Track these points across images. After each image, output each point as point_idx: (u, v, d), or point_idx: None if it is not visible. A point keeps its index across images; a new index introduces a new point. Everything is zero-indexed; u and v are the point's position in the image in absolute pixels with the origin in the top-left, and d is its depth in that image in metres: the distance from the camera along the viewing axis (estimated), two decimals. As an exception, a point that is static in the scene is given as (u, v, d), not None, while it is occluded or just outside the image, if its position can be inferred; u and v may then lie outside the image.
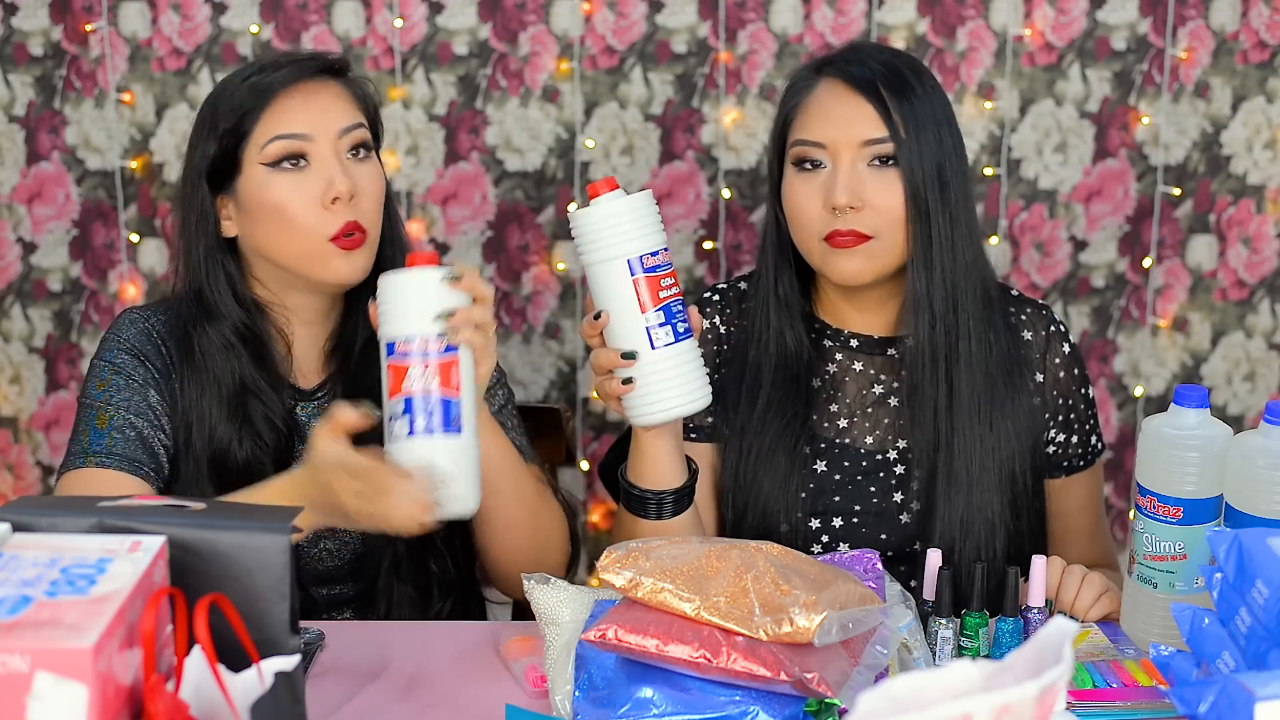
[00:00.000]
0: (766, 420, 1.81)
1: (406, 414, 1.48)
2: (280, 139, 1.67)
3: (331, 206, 1.67)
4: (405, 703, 1.49)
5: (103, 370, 1.73)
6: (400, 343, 1.49)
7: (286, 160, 1.67)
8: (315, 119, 1.68)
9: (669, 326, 1.59)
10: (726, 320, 1.88)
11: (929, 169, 1.70)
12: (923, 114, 1.71)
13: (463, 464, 1.50)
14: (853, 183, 1.70)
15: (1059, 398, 1.83)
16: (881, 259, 1.72)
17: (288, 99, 1.69)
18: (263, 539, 1.16)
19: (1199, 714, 1.15)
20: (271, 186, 1.67)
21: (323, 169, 1.68)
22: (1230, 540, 1.30)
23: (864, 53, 1.78)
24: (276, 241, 1.69)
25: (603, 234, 1.58)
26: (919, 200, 1.70)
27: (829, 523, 1.80)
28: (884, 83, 1.72)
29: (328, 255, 1.68)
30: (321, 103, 1.70)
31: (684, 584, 1.37)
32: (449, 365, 1.49)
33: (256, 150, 1.67)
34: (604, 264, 1.58)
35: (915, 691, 0.93)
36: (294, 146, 1.67)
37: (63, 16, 2.62)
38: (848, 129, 1.71)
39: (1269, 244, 2.76)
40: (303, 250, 1.68)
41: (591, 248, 1.59)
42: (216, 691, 1.07)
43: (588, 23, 2.63)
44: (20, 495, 2.71)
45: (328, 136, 1.68)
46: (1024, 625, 1.56)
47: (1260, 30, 2.67)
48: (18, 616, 0.99)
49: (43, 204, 2.69)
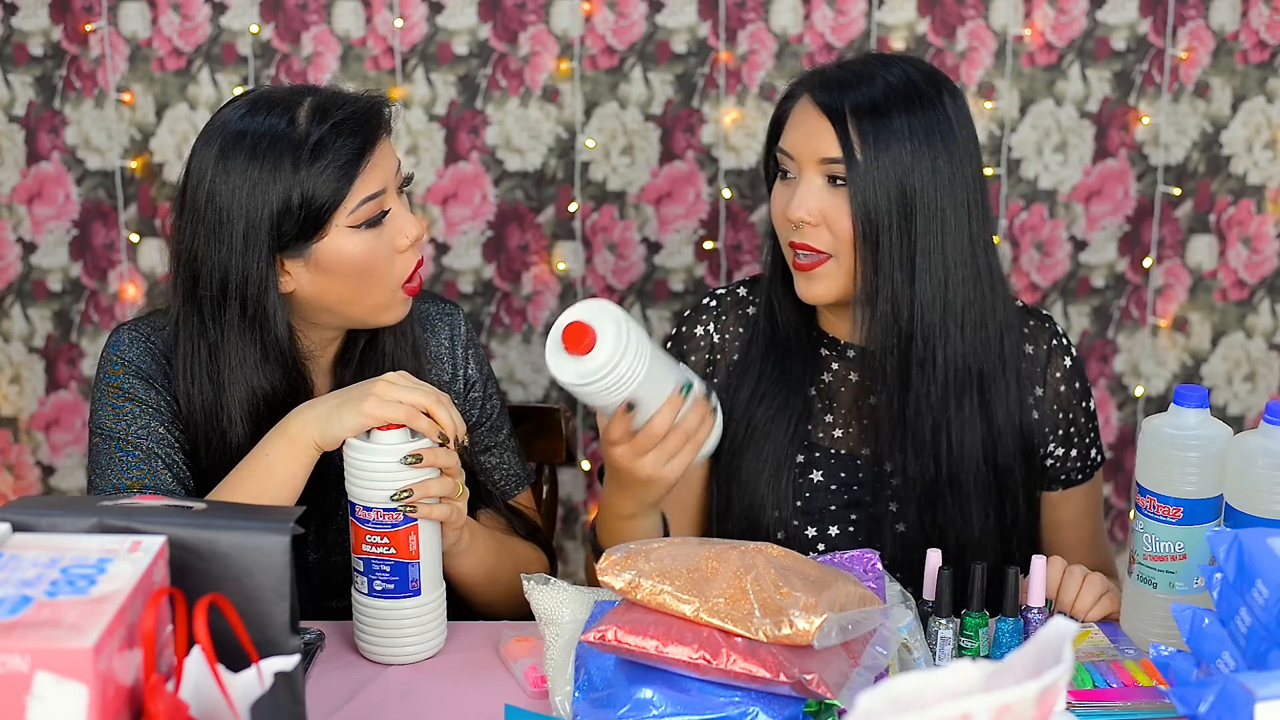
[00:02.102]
0: (759, 423, 1.81)
1: (365, 575, 1.57)
2: (369, 200, 1.65)
3: (405, 252, 1.68)
4: (405, 703, 1.49)
5: (113, 397, 1.70)
6: (360, 508, 1.55)
7: (373, 220, 1.66)
8: (386, 171, 1.67)
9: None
10: (720, 328, 1.88)
11: (886, 194, 1.68)
12: (891, 139, 1.68)
13: (420, 620, 1.58)
14: (809, 198, 1.71)
15: (1059, 412, 1.83)
16: (840, 280, 1.73)
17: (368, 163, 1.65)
18: (263, 539, 1.16)
19: (1199, 714, 1.15)
20: (356, 243, 1.65)
21: (397, 216, 1.68)
22: (1230, 540, 1.30)
23: (854, 72, 1.75)
24: (354, 296, 1.68)
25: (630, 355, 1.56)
26: (868, 224, 1.69)
27: (825, 531, 1.80)
28: (854, 105, 1.70)
29: (396, 302, 1.71)
30: (385, 149, 1.68)
31: (683, 585, 1.37)
32: (407, 533, 1.55)
33: (344, 217, 1.64)
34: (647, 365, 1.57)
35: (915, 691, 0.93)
36: (379, 204, 1.66)
37: (63, 16, 2.62)
38: (809, 145, 1.72)
39: (1269, 244, 2.76)
40: (379, 300, 1.69)
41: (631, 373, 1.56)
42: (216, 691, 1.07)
43: (588, 23, 2.63)
44: (20, 495, 2.71)
45: (392, 184, 1.69)
46: (1024, 625, 1.56)
47: (1260, 30, 2.67)
48: (18, 616, 0.99)
49: (43, 204, 2.69)
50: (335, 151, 1.63)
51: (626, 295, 2.74)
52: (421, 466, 1.53)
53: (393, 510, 1.53)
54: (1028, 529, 1.82)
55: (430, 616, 1.58)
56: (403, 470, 1.53)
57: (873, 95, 1.71)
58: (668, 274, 2.73)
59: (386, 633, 1.57)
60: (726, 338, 1.87)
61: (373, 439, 1.55)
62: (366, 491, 1.54)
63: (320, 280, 1.67)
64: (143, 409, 1.69)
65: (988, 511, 1.78)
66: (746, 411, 1.82)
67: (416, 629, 1.57)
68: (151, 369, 1.72)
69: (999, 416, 1.77)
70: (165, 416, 1.70)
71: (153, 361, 1.72)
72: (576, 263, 2.71)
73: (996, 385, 1.77)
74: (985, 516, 1.77)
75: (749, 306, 1.88)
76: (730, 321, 1.88)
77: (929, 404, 1.74)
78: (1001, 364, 1.78)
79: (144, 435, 1.68)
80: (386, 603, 1.56)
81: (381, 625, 1.57)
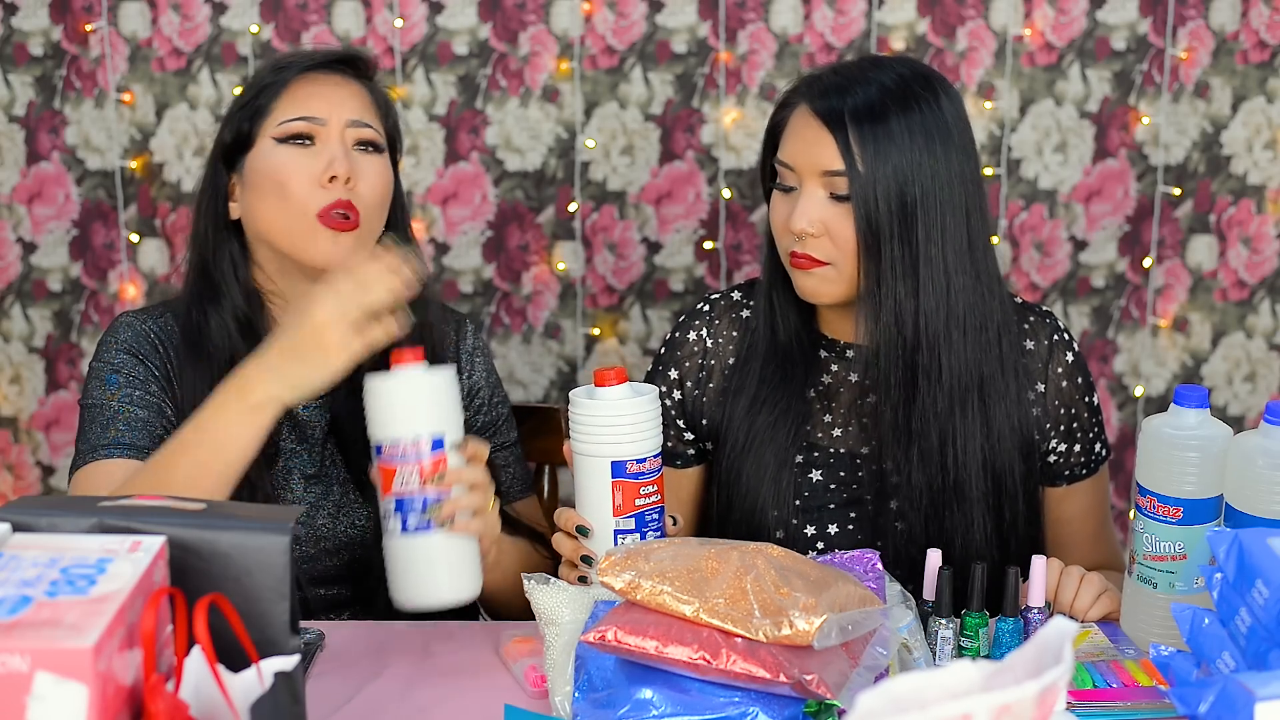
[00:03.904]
0: (760, 429, 1.81)
1: (399, 512, 1.53)
2: (295, 120, 1.72)
3: (328, 185, 1.70)
4: (405, 703, 1.49)
5: (101, 371, 1.74)
6: (388, 445, 1.53)
7: (296, 138, 1.72)
8: (329, 106, 1.74)
9: (636, 536, 1.58)
10: (714, 333, 1.87)
11: (888, 202, 1.67)
12: (891, 146, 1.68)
13: (458, 555, 1.55)
14: (811, 210, 1.70)
15: (1060, 408, 1.82)
16: (839, 284, 1.72)
17: (307, 83, 1.75)
18: (263, 539, 1.16)
19: (1199, 714, 1.15)
20: (276, 158, 1.72)
21: (326, 149, 1.72)
22: (1230, 540, 1.30)
23: (848, 76, 1.73)
24: (270, 215, 1.72)
25: (591, 431, 1.56)
26: (871, 235, 1.68)
27: (824, 529, 1.80)
28: (853, 112, 1.69)
29: (315, 233, 1.70)
30: (339, 94, 1.75)
31: (683, 586, 1.37)
32: (438, 463, 1.52)
33: (272, 126, 1.72)
34: (586, 458, 1.57)
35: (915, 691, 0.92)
36: (306, 127, 1.72)
37: (63, 16, 2.62)
38: (810, 157, 1.70)
39: (1269, 244, 2.76)
40: (292, 225, 1.71)
41: (576, 436, 1.58)
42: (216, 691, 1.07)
43: (588, 23, 2.63)
44: (20, 495, 2.71)
45: (338, 124, 1.73)
46: (1024, 625, 1.56)
47: (1260, 30, 2.67)
48: (18, 616, 0.99)
49: (43, 204, 2.69)
50: (278, 66, 1.76)
51: (626, 295, 2.74)
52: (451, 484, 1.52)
53: (421, 438, 1.51)
54: (1027, 530, 1.82)
55: (467, 550, 1.55)
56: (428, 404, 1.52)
57: (870, 99, 1.69)
58: (668, 274, 2.73)
59: (423, 570, 1.54)
60: (720, 342, 1.86)
61: (393, 373, 1.53)
62: (394, 427, 1.52)
63: (250, 199, 1.74)
64: (128, 379, 1.72)
65: (987, 516, 1.77)
66: (748, 416, 1.82)
67: (453, 564, 1.54)
68: (143, 348, 1.74)
69: (998, 419, 1.77)
70: (151, 388, 1.72)
71: (144, 342, 1.75)
72: (576, 263, 2.72)
73: (996, 388, 1.77)
74: (985, 521, 1.77)
75: (743, 310, 1.87)
76: (724, 326, 1.87)
77: (935, 413, 1.73)
78: (1000, 366, 1.77)
79: (127, 400, 1.70)
80: (422, 538, 1.52)
81: (418, 564, 1.53)
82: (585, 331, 2.75)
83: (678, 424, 1.87)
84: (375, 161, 1.76)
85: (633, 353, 2.76)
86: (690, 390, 1.86)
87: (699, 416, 1.86)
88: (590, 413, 1.57)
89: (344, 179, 1.70)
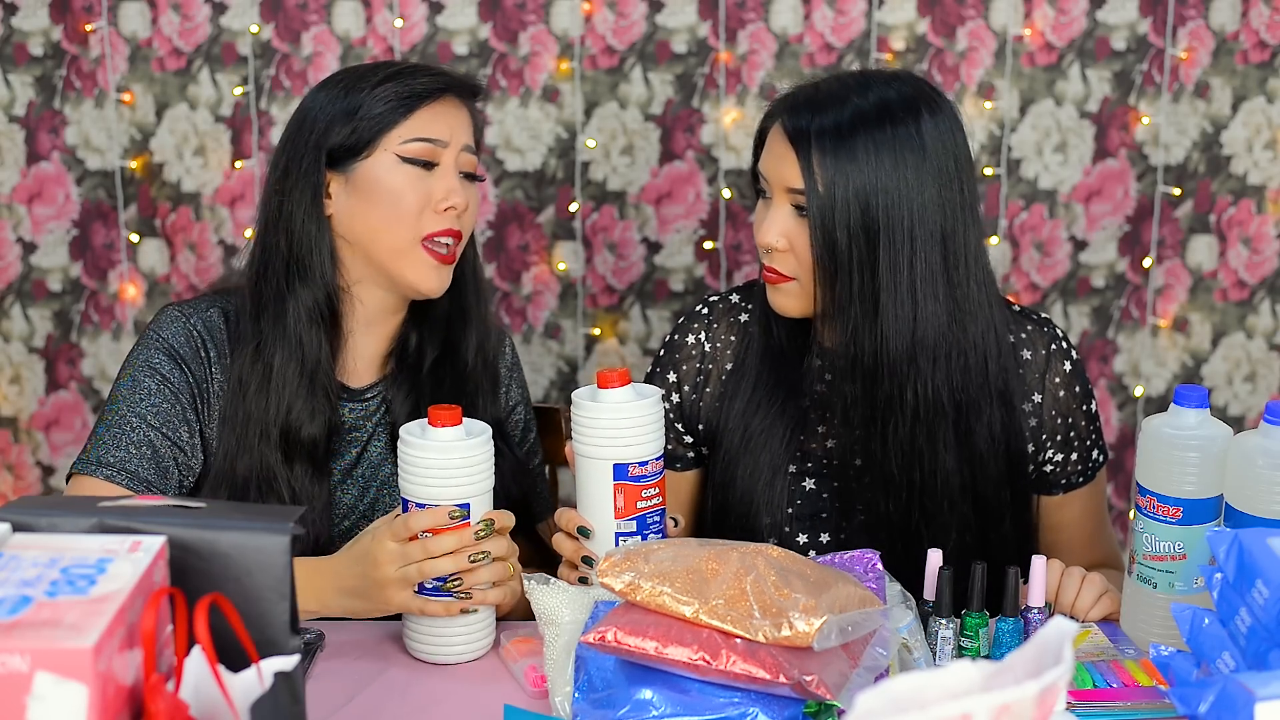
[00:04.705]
0: (754, 436, 1.80)
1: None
2: (423, 141, 1.71)
3: (443, 213, 1.71)
4: (405, 703, 1.49)
5: (137, 369, 1.71)
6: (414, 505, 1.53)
7: (421, 160, 1.71)
8: (451, 130, 1.74)
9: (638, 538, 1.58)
10: (712, 337, 1.86)
11: (850, 225, 1.65)
12: (855, 172, 1.65)
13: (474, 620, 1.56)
14: (778, 223, 1.70)
15: (1058, 417, 1.80)
16: (802, 300, 1.72)
17: (436, 106, 1.73)
18: (263, 539, 1.16)
19: (1199, 714, 1.15)
20: (397, 175, 1.71)
21: (447, 176, 1.73)
22: (1230, 540, 1.30)
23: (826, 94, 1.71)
24: (377, 228, 1.71)
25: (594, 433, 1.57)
26: (827, 255, 1.67)
27: (816, 538, 1.80)
28: (818, 133, 1.67)
29: (419, 258, 1.71)
30: (458, 118, 1.75)
31: (683, 587, 1.37)
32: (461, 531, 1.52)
33: (395, 143, 1.71)
34: (588, 460, 1.58)
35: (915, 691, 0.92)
36: (432, 151, 1.72)
37: (63, 16, 2.62)
38: (778, 172, 1.70)
39: (1269, 244, 2.76)
40: (397, 243, 1.71)
41: (578, 438, 1.58)
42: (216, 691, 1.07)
43: (588, 23, 2.63)
44: (20, 495, 2.71)
45: (455, 148, 1.74)
46: (1024, 625, 1.56)
47: (1260, 30, 2.67)
48: (18, 616, 0.99)
49: (43, 204, 2.69)
50: (405, 82, 1.73)
51: (626, 295, 2.74)
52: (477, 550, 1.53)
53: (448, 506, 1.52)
54: (1016, 546, 1.80)
55: (482, 615, 1.57)
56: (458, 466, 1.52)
57: (839, 120, 1.67)
58: (668, 274, 2.73)
59: (438, 632, 1.56)
60: (719, 346, 1.86)
61: (428, 435, 1.53)
62: (420, 488, 1.52)
63: (353, 204, 1.72)
64: (159, 387, 1.70)
65: (968, 536, 1.76)
66: (742, 419, 1.81)
67: (467, 627, 1.56)
68: (184, 350, 1.72)
69: (980, 443, 1.74)
70: (179, 403, 1.70)
71: (187, 343, 1.73)
72: (576, 263, 2.72)
73: (978, 414, 1.74)
74: (963, 543, 1.76)
75: (742, 313, 1.86)
76: (722, 330, 1.86)
77: (897, 440, 1.71)
78: (985, 391, 1.74)
79: (147, 421, 1.68)
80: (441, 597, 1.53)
81: (435, 625, 1.55)
82: (585, 331, 2.75)
83: (676, 427, 1.86)
84: (476, 190, 1.79)
85: (633, 353, 2.76)
86: (688, 394, 1.86)
87: (696, 420, 1.85)
88: (592, 414, 1.57)
89: (461, 209, 1.72)
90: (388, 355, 1.81)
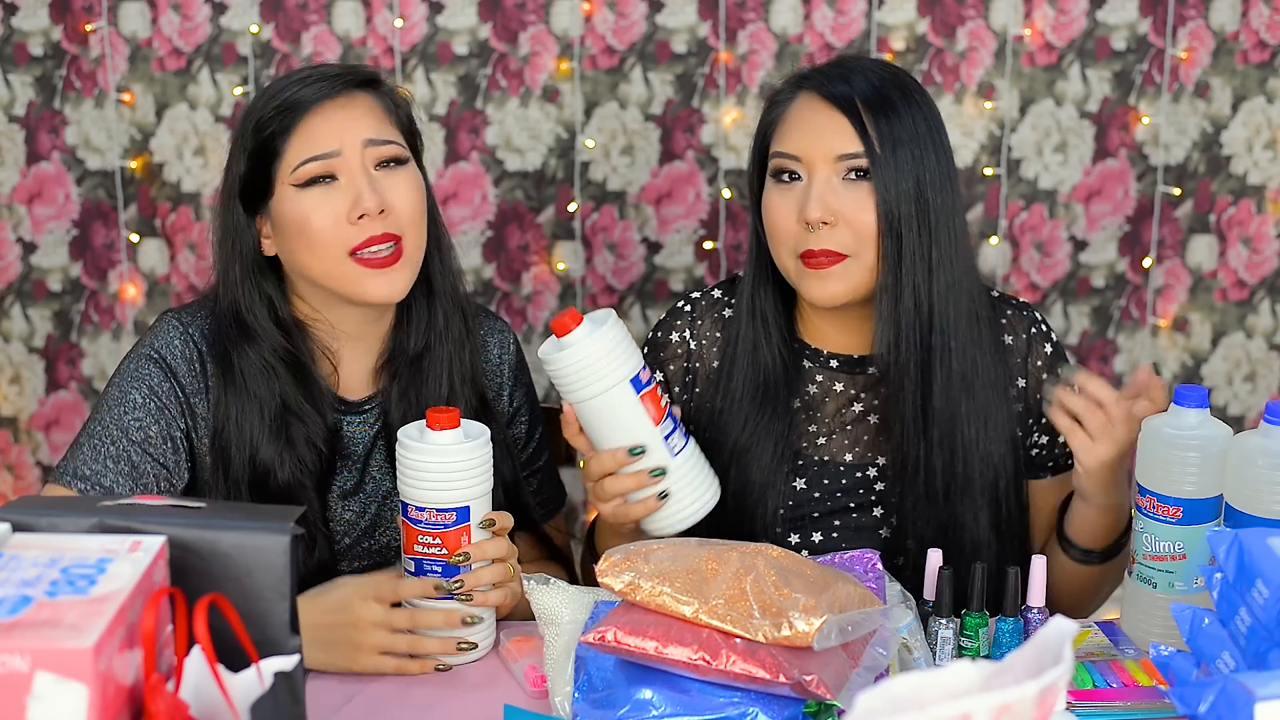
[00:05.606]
0: (746, 439, 1.80)
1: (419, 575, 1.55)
2: (310, 161, 1.64)
3: (358, 222, 1.64)
4: (405, 703, 1.49)
5: (126, 380, 1.68)
6: (412, 508, 1.53)
7: (315, 181, 1.65)
8: (341, 133, 1.65)
9: (678, 432, 1.63)
10: (697, 334, 1.86)
11: (905, 186, 1.68)
12: (902, 131, 1.69)
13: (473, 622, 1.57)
14: (826, 197, 1.68)
15: (1042, 400, 1.82)
16: (856, 279, 1.70)
17: (315, 117, 1.65)
18: (263, 539, 1.16)
19: (1199, 714, 1.15)
20: (300, 205, 1.64)
21: (350, 184, 1.64)
22: (1230, 540, 1.30)
23: (847, 67, 1.75)
24: (305, 259, 1.66)
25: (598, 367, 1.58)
26: (892, 218, 1.68)
27: (808, 538, 1.80)
28: (862, 98, 1.70)
29: (355, 275, 1.65)
30: (351, 115, 1.66)
31: (683, 587, 1.37)
32: (459, 534, 1.53)
33: (288, 172, 1.64)
34: (606, 394, 1.58)
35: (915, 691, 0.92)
36: (323, 167, 1.64)
37: (63, 16, 2.62)
38: (823, 142, 1.69)
39: (1269, 244, 2.76)
40: (332, 269, 1.65)
41: (586, 382, 1.58)
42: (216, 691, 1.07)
43: (588, 23, 2.63)
44: (20, 495, 2.71)
45: (354, 150, 1.65)
46: (1024, 625, 1.56)
47: (1260, 30, 2.67)
48: (18, 616, 0.99)
49: (43, 204, 2.69)
50: (280, 98, 1.66)
51: (626, 295, 2.74)
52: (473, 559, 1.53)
53: (446, 510, 1.52)
54: (1019, 524, 1.82)
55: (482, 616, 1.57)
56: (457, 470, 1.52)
57: (875, 83, 1.72)
58: (668, 274, 2.73)
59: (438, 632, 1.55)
60: (704, 344, 1.85)
61: (426, 438, 1.52)
62: (420, 491, 1.52)
63: (282, 241, 1.68)
64: (146, 400, 1.66)
65: (987, 509, 1.77)
66: (733, 427, 1.81)
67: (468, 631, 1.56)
68: (178, 363, 1.68)
69: (992, 408, 1.77)
70: (169, 413, 1.67)
71: (182, 355, 1.69)
72: (576, 263, 2.72)
73: (988, 376, 1.77)
74: (985, 514, 1.77)
75: (725, 309, 1.86)
76: (706, 326, 1.86)
77: (948, 397, 1.73)
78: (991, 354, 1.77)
79: (129, 436, 1.65)
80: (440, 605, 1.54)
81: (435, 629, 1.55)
82: (585, 331, 2.75)
83: None
84: (403, 175, 1.68)
85: (633, 353, 2.76)
86: (679, 395, 1.86)
87: (687, 420, 1.84)
88: (581, 353, 1.57)
89: (375, 212, 1.63)
90: (383, 365, 1.77)
